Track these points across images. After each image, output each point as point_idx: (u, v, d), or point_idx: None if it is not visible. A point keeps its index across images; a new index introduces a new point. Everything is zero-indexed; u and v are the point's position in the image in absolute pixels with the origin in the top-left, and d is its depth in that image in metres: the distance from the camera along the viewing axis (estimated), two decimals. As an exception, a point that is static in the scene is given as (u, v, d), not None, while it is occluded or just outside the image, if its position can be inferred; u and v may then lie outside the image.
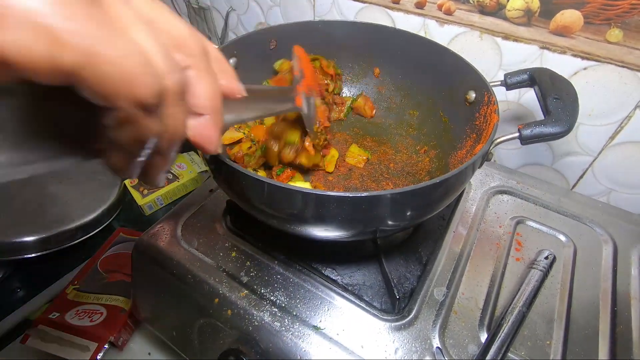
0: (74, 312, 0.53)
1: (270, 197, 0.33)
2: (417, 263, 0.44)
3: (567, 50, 0.50)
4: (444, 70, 0.50)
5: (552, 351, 0.38)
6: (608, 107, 0.51)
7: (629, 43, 0.46)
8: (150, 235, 0.47)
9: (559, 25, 0.49)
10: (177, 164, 0.75)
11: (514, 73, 0.44)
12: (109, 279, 0.58)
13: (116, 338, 0.51)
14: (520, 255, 0.47)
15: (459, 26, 0.56)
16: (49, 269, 0.63)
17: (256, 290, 0.41)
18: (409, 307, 0.40)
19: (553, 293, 0.43)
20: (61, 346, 0.49)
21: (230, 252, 0.45)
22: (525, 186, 0.55)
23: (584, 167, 0.58)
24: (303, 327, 0.38)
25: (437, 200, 0.35)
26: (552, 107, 0.39)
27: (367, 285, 0.42)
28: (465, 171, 0.34)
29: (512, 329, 0.38)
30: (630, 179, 0.55)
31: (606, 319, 0.41)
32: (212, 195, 0.53)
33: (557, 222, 0.50)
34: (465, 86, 0.47)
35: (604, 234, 0.49)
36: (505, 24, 0.53)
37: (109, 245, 0.63)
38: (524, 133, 0.38)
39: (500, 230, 0.49)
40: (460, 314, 0.40)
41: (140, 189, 0.70)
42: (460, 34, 0.57)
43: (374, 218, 0.33)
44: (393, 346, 0.37)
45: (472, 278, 0.44)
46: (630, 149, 0.53)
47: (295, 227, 0.36)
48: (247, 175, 0.31)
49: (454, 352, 0.37)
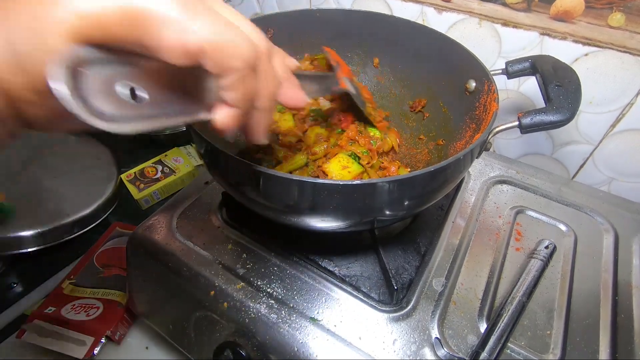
0: (70, 307, 0.52)
1: (265, 187, 0.32)
2: (415, 254, 0.44)
3: (568, 36, 0.49)
4: (444, 59, 0.49)
5: (553, 341, 0.37)
6: (609, 94, 0.50)
7: (631, 27, 0.45)
8: (145, 229, 0.46)
9: (559, 10, 0.48)
10: (173, 157, 0.74)
11: (516, 61, 0.44)
12: (105, 274, 0.57)
13: (113, 332, 0.51)
14: (520, 245, 0.46)
15: (457, 13, 0.55)
16: (45, 264, 0.63)
17: (252, 282, 0.41)
18: (407, 298, 0.40)
19: (553, 283, 0.42)
20: (57, 340, 0.49)
21: (226, 245, 0.45)
22: (525, 176, 0.55)
23: (584, 156, 0.57)
24: (300, 318, 0.38)
25: (434, 190, 0.35)
26: (553, 94, 0.38)
27: (365, 277, 0.42)
28: (463, 160, 0.33)
29: (511, 319, 0.37)
30: (632, 167, 0.55)
31: (607, 308, 0.40)
32: (208, 187, 0.52)
33: (558, 212, 0.50)
34: (466, 75, 0.46)
35: (605, 223, 0.48)
36: (504, 10, 0.51)
37: (104, 240, 0.62)
38: (523, 121, 0.37)
39: (499, 220, 0.49)
40: (459, 305, 0.40)
41: (136, 183, 0.70)
42: (458, 21, 0.56)
43: (370, 207, 0.32)
44: (391, 337, 0.37)
45: (472, 268, 0.43)
46: (632, 137, 0.52)
47: (290, 218, 0.35)
48: (242, 162, 0.30)
49: (453, 343, 0.37)
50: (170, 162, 0.73)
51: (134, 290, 0.49)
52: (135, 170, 0.72)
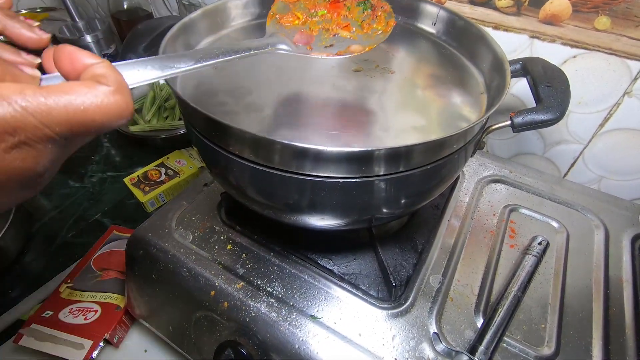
0: (68, 311, 0.52)
1: (265, 184, 0.33)
2: (412, 252, 0.45)
3: (557, 38, 0.51)
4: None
5: (547, 334, 0.38)
6: (597, 94, 0.52)
7: (616, 30, 0.46)
8: (144, 230, 0.46)
9: (548, 14, 0.49)
10: (175, 160, 0.75)
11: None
12: (102, 277, 0.57)
13: (111, 335, 0.50)
14: (514, 242, 0.47)
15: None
16: (40, 268, 0.63)
17: (252, 281, 0.41)
18: (406, 294, 0.40)
19: (547, 278, 0.43)
20: (55, 344, 0.48)
21: (225, 245, 0.45)
22: (518, 175, 0.56)
23: (574, 155, 0.59)
24: (300, 316, 0.38)
25: (428, 188, 0.36)
26: (543, 94, 0.39)
27: (364, 274, 0.42)
28: (458, 157, 0.34)
29: (507, 313, 0.38)
30: (620, 165, 0.56)
31: (599, 302, 0.41)
32: (207, 189, 0.52)
33: (550, 209, 0.51)
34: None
35: (596, 219, 0.50)
36: (495, 14, 0.53)
37: (102, 244, 0.62)
38: (515, 121, 0.38)
39: (494, 218, 0.50)
40: (456, 301, 0.41)
41: (141, 186, 0.70)
42: (451, 25, 0.57)
43: (368, 205, 0.33)
44: (390, 333, 0.37)
45: (467, 265, 0.44)
46: (619, 136, 0.54)
47: (291, 215, 0.36)
48: (242, 164, 0.31)
49: (451, 338, 0.37)
50: (173, 165, 0.74)
51: (133, 292, 0.49)
52: (138, 174, 0.72)
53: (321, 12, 0.39)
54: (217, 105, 0.37)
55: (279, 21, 0.38)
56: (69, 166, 0.83)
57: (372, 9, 0.39)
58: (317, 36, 0.38)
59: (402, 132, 0.35)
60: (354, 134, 0.35)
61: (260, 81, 0.40)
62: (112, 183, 0.78)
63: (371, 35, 0.38)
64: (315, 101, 0.39)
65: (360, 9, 0.39)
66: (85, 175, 0.81)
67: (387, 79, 0.42)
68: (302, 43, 0.37)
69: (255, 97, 0.38)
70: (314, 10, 0.39)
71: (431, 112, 0.38)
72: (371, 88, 0.40)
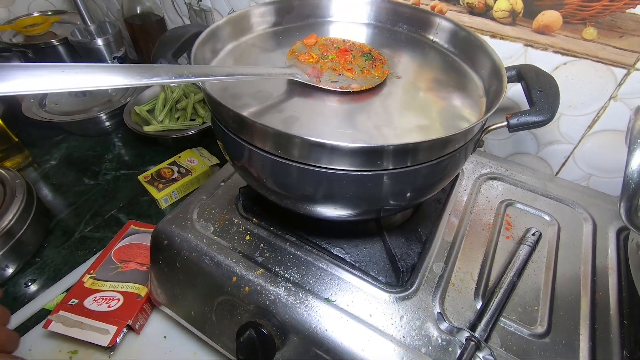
0: (92, 299, 0.55)
1: (285, 177, 0.36)
2: (417, 242, 0.48)
3: (549, 47, 0.55)
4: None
5: (540, 315, 0.42)
6: (586, 98, 0.56)
7: (602, 40, 0.51)
8: (168, 222, 0.50)
9: (540, 24, 0.54)
10: (187, 159, 0.78)
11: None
12: (123, 268, 0.60)
13: (134, 322, 0.54)
14: (510, 234, 0.51)
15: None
16: (60, 261, 0.66)
17: (271, 268, 0.45)
18: (411, 280, 0.44)
19: (540, 266, 0.47)
20: (82, 330, 0.51)
21: (244, 236, 0.49)
22: (514, 172, 0.60)
23: (565, 155, 0.63)
24: (315, 300, 0.42)
25: (432, 182, 0.39)
26: (536, 98, 0.43)
27: (373, 262, 0.46)
28: (459, 154, 0.38)
29: (504, 297, 0.42)
30: (607, 164, 0.61)
31: (587, 287, 0.45)
32: (224, 184, 0.56)
33: (543, 204, 0.55)
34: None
35: (585, 213, 0.54)
36: (492, 23, 0.57)
37: (120, 237, 0.65)
38: (511, 122, 0.42)
39: (491, 212, 0.54)
40: (457, 286, 0.44)
41: (154, 183, 0.74)
42: (451, 33, 0.61)
43: (377, 197, 0.37)
44: (398, 314, 0.41)
45: (467, 254, 0.48)
46: (606, 137, 0.58)
47: (307, 205, 0.39)
48: (265, 156, 0.34)
49: (453, 318, 0.41)
50: (185, 163, 0.77)
51: (156, 280, 0.52)
52: (152, 172, 0.76)
53: (332, 56, 0.47)
54: (243, 107, 0.40)
55: (297, 57, 0.46)
56: (83, 165, 0.86)
57: (373, 59, 0.48)
58: (326, 73, 0.45)
59: (408, 131, 0.39)
60: (364, 132, 0.39)
61: (279, 89, 0.44)
62: (125, 180, 0.82)
63: (369, 79, 0.45)
64: (329, 103, 0.42)
65: (363, 58, 0.48)
66: (100, 173, 0.84)
67: (394, 83, 0.46)
68: (313, 76, 0.44)
69: (275, 100, 0.42)
70: (326, 54, 0.47)
71: (435, 113, 0.42)
72: (379, 91, 0.44)
